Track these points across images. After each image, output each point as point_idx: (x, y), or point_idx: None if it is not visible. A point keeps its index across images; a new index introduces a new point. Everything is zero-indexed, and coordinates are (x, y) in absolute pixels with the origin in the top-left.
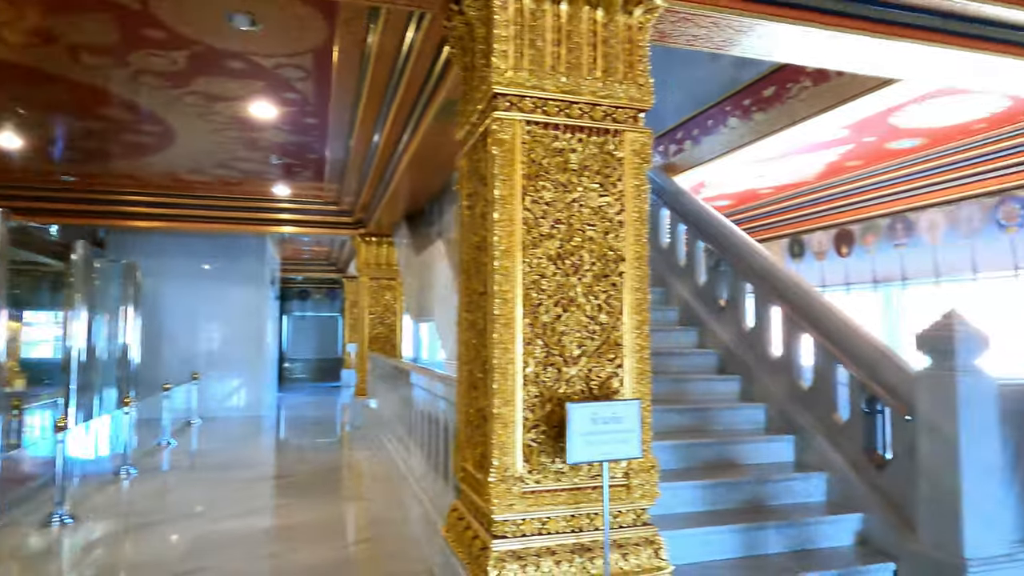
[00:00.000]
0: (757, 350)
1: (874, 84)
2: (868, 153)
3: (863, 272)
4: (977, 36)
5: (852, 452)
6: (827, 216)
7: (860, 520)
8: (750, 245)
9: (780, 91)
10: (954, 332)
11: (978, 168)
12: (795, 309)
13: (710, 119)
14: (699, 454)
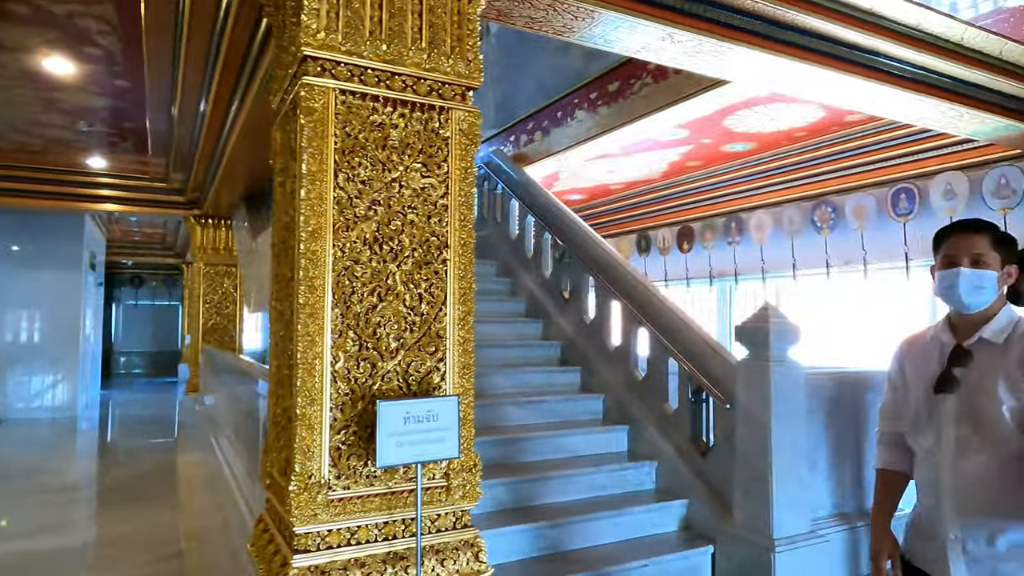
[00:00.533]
0: (597, 341)
1: (708, 84)
2: (706, 154)
3: (701, 267)
4: (799, 45)
5: (680, 441)
6: (671, 214)
7: (685, 506)
8: (593, 238)
9: (624, 87)
10: (768, 324)
11: (799, 174)
12: (632, 302)
13: (559, 111)
14: (537, 447)
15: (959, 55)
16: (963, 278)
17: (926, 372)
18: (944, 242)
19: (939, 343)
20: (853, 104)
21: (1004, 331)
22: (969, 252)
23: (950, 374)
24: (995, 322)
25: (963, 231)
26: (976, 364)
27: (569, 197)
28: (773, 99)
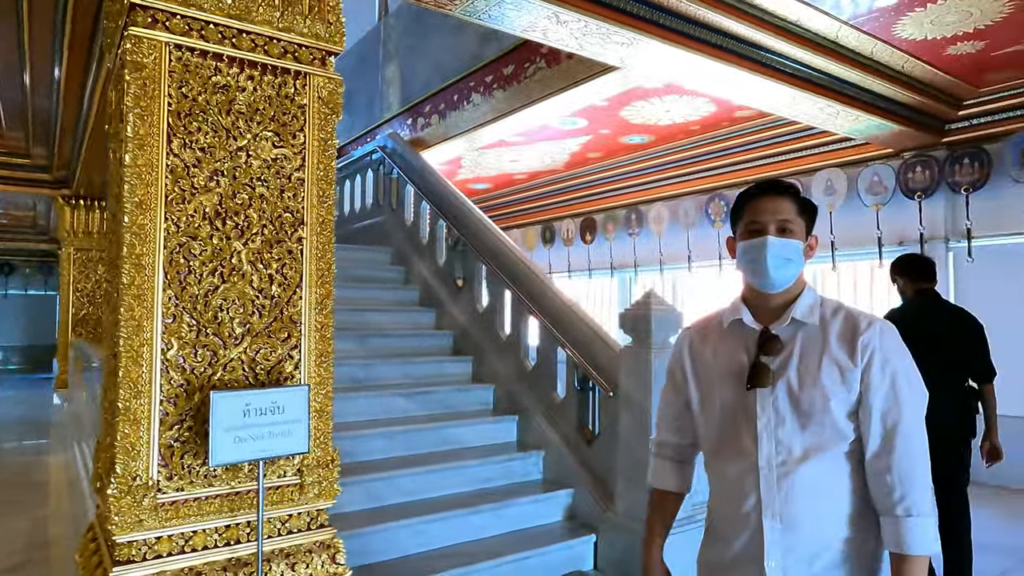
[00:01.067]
0: (489, 331)
1: (599, 69)
2: (606, 145)
3: (603, 259)
4: (684, 33)
5: (567, 430)
6: (575, 205)
7: (570, 496)
8: (487, 226)
9: (518, 70)
10: (650, 312)
11: (694, 167)
12: (523, 291)
13: (456, 94)
14: (424, 439)
15: (835, 53)
16: (771, 248)
17: (733, 365)
18: (747, 207)
19: (742, 328)
20: (739, 97)
21: (813, 309)
22: (776, 218)
23: (762, 364)
24: (803, 300)
25: (769, 194)
26: (791, 351)
27: (474, 186)
28: (667, 91)
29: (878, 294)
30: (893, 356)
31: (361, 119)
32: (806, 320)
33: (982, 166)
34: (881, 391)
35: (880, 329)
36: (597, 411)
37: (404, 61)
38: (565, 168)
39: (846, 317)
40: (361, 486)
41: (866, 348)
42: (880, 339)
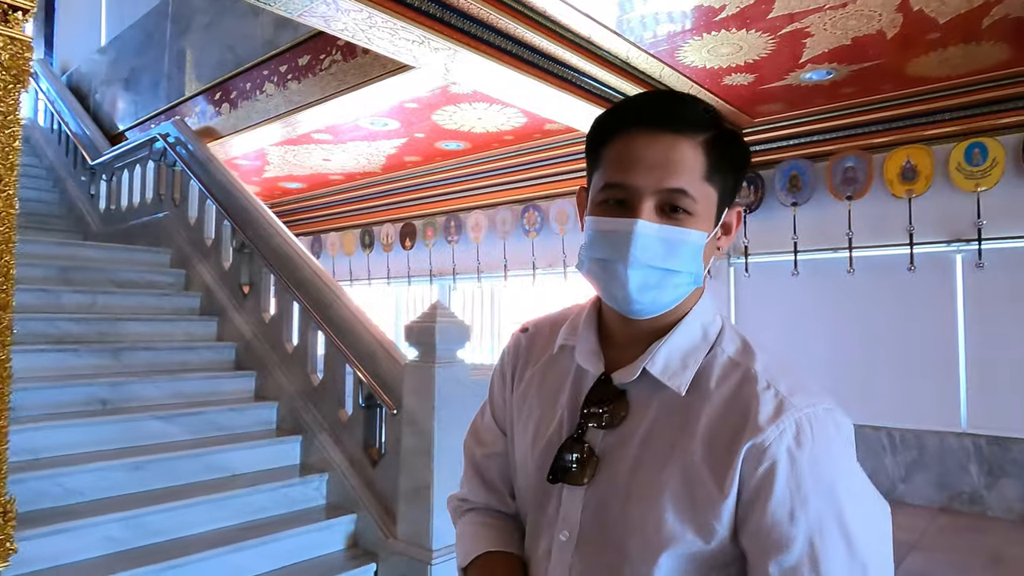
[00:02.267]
0: (275, 343)
1: (394, 68)
2: (422, 150)
3: (423, 266)
4: (482, 40)
5: (353, 450)
6: (394, 210)
7: (353, 521)
8: (276, 227)
9: (314, 61)
10: (435, 324)
11: (510, 177)
12: (310, 299)
13: (248, 81)
14: (186, 468)
15: (628, 74)
16: (640, 246)
17: (547, 417)
18: (611, 145)
19: (572, 363)
20: (540, 107)
21: (690, 359)
22: (660, 182)
23: (577, 445)
24: (677, 337)
25: (653, 127)
26: (636, 426)
27: (286, 185)
28: (476, 98)
29: None
30: (818, 489)
31: (146, 102)
32: (666, 381)
33: (758, 190)
34: (782, 556)
35: (799, 427)
36: (384, 430)
37: (195, 41)
38: (383, 171)
39: (743, 383)
40: (90, 531)
41: (756, 466)
42: (794, 450)
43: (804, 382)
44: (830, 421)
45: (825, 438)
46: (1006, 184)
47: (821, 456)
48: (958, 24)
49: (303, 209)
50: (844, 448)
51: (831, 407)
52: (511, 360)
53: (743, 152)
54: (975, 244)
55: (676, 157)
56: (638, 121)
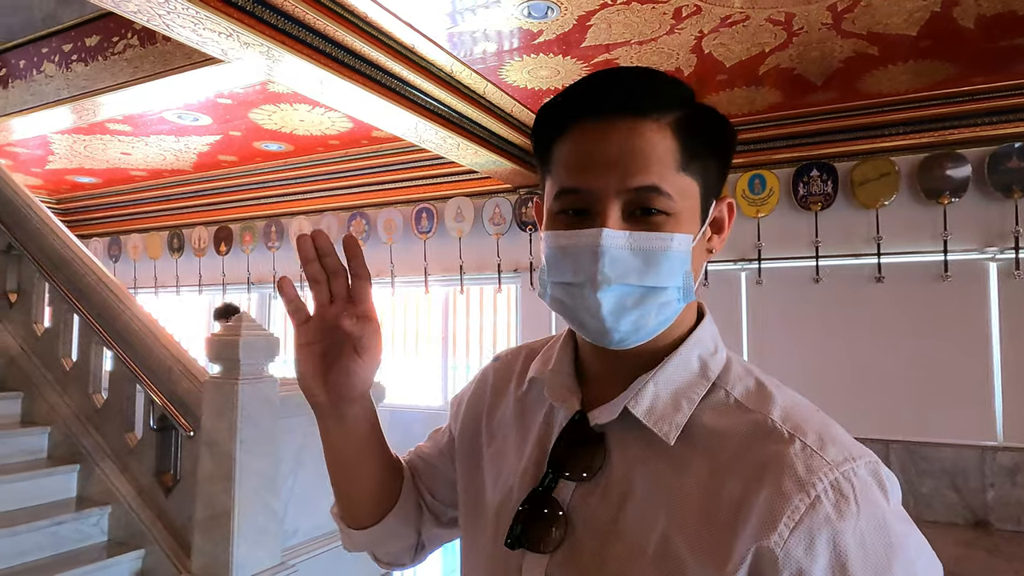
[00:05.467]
0: (48, 359)
1: (200, 60)
2: (239, 150)
3: (240, 272)
4: (322, 52)
5: (142, 478)
6: (208, 212)
7: (141, 558)
8: (51, 227)
9: (105, 43)
10: (239, 337)
11: (337, 183)
12: (92, 309)
13: (23, 59)
14: None
15: (453, 87)
16: (609, 262)
17: (510, 461)
18: (560, 141)
19: (544, 401)
20: (364, 115)
21: (683, 399)
22: (625, 181)
23: (547, 499)
24: (669, 370)
25: (614, 115)
26: (618, 477)
27: (77, 178)
28: (297, 99)
29: (500, 315)
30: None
31: None
32: (651, 425)
33: None
34: None
35: (840, 491)
36: (180, 454)
37: None
38: (195, 169)
39: (755, 434)
40: None
41: (780, 548)
42: (836, 522)
43: (836, 433)
44: (874, 481)
45: (872, 503)
46: (779, 211)
47: (871, 528)
48: (740, 69)
49: (99, 207)
50: (896, 512)
51: (874, 461)
52: (472, 397)
53: (725, 130)
54: (756, 263)
55: (641, 146)
56: (588, 108)
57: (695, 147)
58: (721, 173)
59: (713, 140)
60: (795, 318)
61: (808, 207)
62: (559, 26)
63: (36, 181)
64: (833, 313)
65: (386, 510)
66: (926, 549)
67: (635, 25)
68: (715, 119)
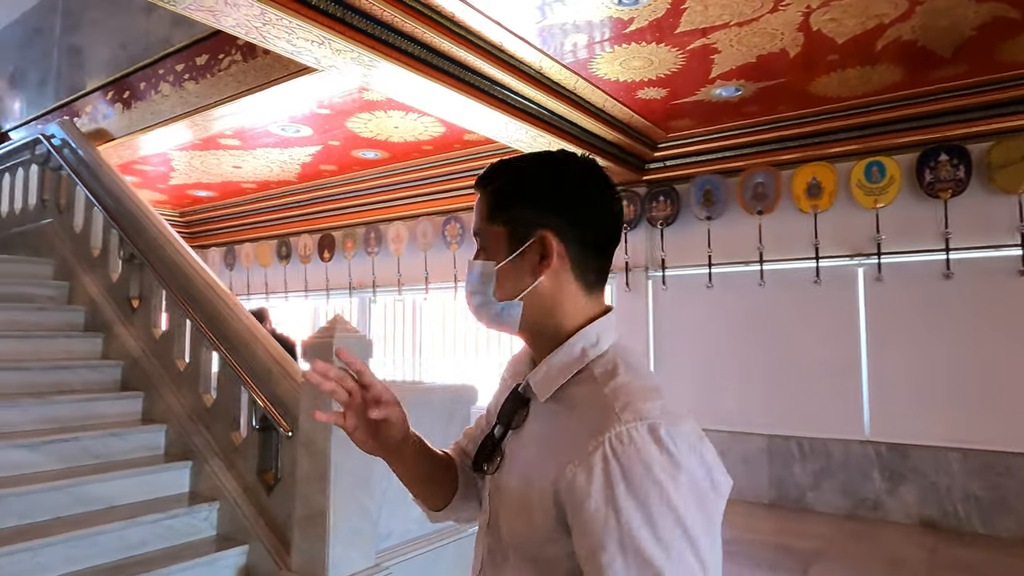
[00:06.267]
0: (166, 361)
1: (297, 70)
2: (339, 159)
3: (343, 278)
4: (410, 54)
5: (247, 475)
6: (312, 220)
7: (245, 553)
8: (168, 237)
9: (212, 61)
10: (334, 339)
11: (431, 188)
12: (202, 313)
13: (143, 81)
14: (51, 502)
15: (541, 84)
16: (467, 280)
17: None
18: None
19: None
20: (456, 117)
21: (561, 375)
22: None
23: (493, 438)
24: (558, 355)
25: (477, 184)
26: (529, 430)
27: (196, 192)
28: (391, 105)
29: None
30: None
31: (33, 100)
32: (535, 389)
33: (673, 203)
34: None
35: (620, 439)
36: (280, 454)
37: (86, 37)
38: (299, 180)
39: (592, 399)
40: None
41: (579, 474)
42: (610, 461)
43: (643, 401)
44: (650, 437)
45: (640, 451)
46: (902, 201)
47: (637, 468)
48: (854, 46)
49: (216, 219)
50: (663, 463)
51: (657, 425)
52: (498, 388)
53: (522, 182)
54: (875, 258)
55: (476, 207)
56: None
57: (498, 202)
58: (533, 212)
59: (515, 192)
60: (922, 318)
61: (936, 195)
62: (651, 12)
63: (161, 196)
64: (967, 312)
65: (451, 493)
66: (678, 502)
67: (733, 5)
68: (516, 177)
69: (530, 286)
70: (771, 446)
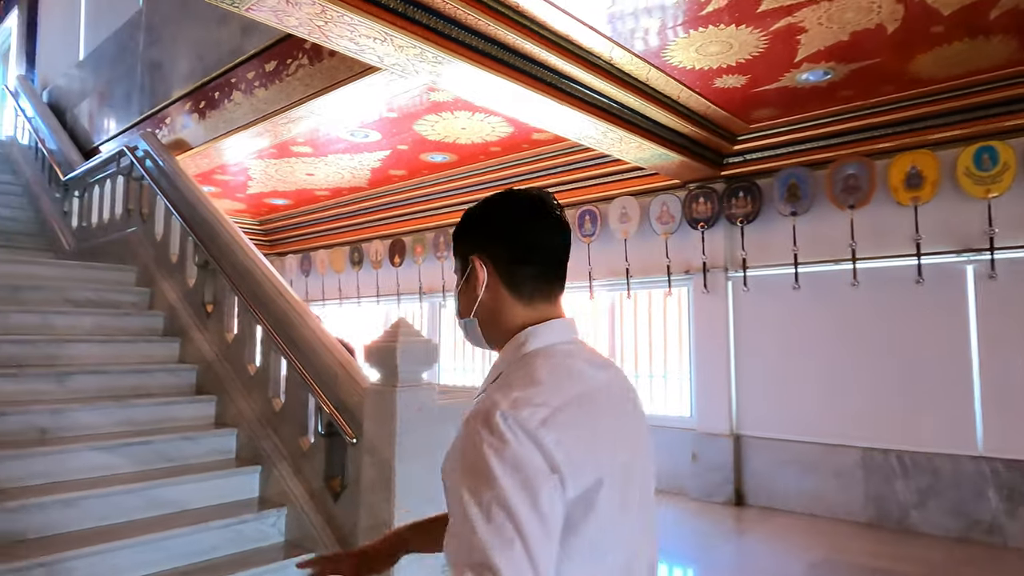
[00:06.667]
0: (238, 364)
1: (361, 70)
2: (408, 163)
3: (413, 283)
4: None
5: (314, 481)
6: (383, 226)
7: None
8: (239, 242)
9: (280, 66)
10: (397, 344)
11: (498, 191)
12: (271, 318)
13: (217, 91)
14: (127, 504)
15: (611, 75)
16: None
17: None
18: None
19: None
20: (523, 114)
21: (492, 373)
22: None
23: None
24: (498, 356)
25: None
26: None
27: (272, 201)
28: (457, 106)
29: (671, 320)
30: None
31: (120, 115)
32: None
33: (754, 200)
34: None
35: (466, 420)
36: (346, 460)
37: (165, 51)
38: (369, 186)
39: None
40: None
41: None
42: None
43: (502, 390)
44: (484, 420)
45: (474, 431)
46: (1019, 190)
47: (468, 442)
48: (963, 16)
49: (291, 227)
50: (490, 441)
51: (498, 412)
52: None
53: (464, 223)
54: (987, 254)
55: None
56: None
57: (453, 243)
58: (466, 249)
59: (460, 232)
60: None
61: None
62: None
63: (240, 206)
64: None
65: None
66: (502, 479)
67: None
68: (465, 222)
69: (475, 302)
70: (867, 460)
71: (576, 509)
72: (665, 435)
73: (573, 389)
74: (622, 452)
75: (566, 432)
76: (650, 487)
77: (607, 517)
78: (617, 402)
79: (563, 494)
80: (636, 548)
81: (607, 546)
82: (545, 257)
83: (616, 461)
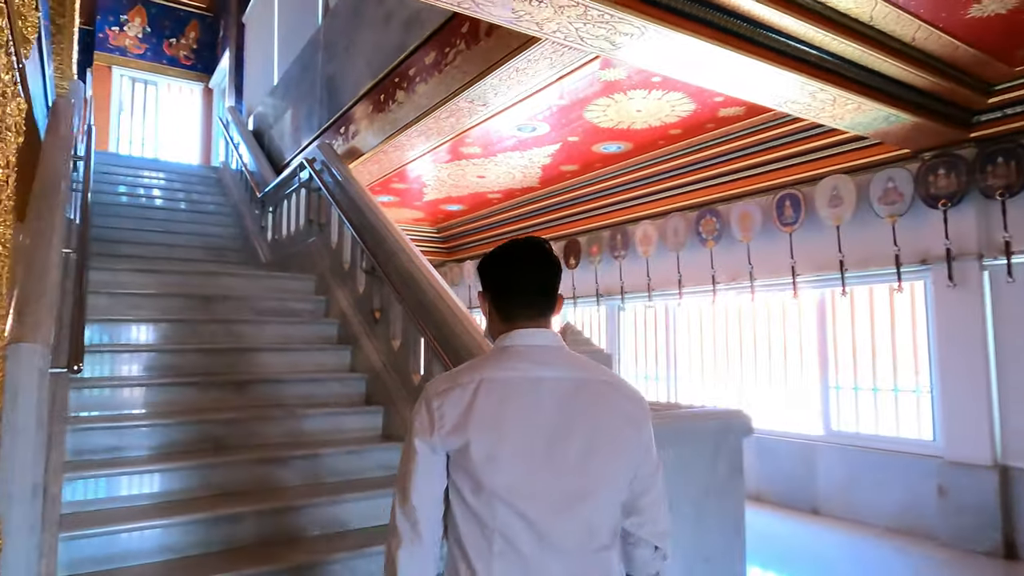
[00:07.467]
0: (403, 373)
1: (517, 45)
2: (580, 156)
3: (589, 285)
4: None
5: None
6: (556, 226)
7: None
8: (404, 248)
9: (439, 57)
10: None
11: (680, 180)
12: (433, 324)
13: (382, 93)
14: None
15: (823, 17)
16: None
17: None
18: None
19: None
20: (708, 79)
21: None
22: None
23: None
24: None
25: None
26: None
27: (447, 207)
28: (631, 84)
29: (901, 321)
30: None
31: (304, 130)
32: None
33: (1019, 166)
34: None
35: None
36: None
37: (340, 64)
38: (541, 185)
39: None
40: None
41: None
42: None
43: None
44: (423, 397)
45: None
46: None
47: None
48: None
49: (468, 232)
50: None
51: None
52: None
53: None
54: None
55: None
56: None
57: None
58: (480, 282)
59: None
60: None
61: None
62: None
63: (419, 214)
64: None
65: None
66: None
67: None
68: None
69: (485, 320)
70: None
71: (458, 456)
72: (899, 462)
73: (487, 375)
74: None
75: (449, 404)
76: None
77: (478, 464)
78: (532, 390)
79: (442, 443)
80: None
81: (484, 482)
82: (521, 291)
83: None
